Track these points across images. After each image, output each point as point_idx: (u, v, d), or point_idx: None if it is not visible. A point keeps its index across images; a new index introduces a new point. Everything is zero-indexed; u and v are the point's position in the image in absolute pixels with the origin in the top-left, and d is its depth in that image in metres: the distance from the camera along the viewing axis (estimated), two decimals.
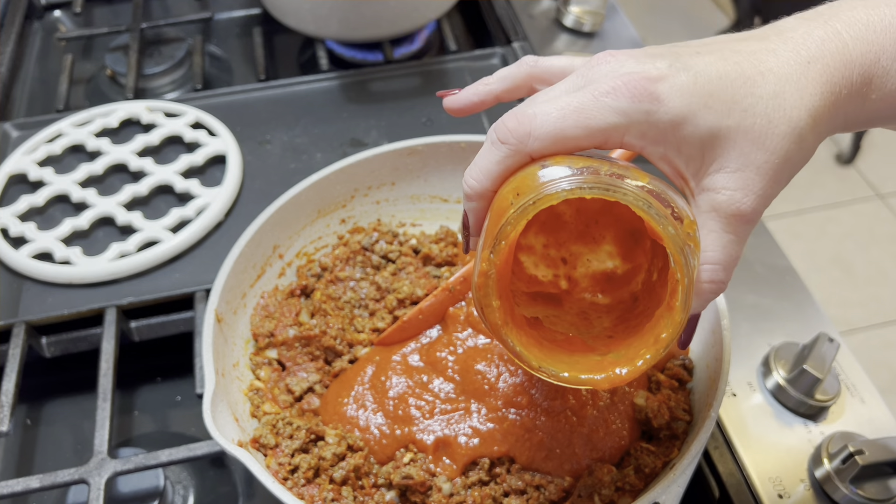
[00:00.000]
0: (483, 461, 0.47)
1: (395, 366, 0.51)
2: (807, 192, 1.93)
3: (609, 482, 0.45)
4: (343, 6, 0.74)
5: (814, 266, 1.77)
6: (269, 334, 0.54)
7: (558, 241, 0.38)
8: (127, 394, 0.63)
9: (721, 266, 0.33)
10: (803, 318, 0.60)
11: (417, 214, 0.64)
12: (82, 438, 0.61)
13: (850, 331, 1.64)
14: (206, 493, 0.57)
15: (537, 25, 0.87)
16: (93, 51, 0.92)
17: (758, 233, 0.66)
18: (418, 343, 0.52)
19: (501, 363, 0.51)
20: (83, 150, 0.72)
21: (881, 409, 0.55)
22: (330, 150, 0.72)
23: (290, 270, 0.59)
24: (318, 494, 0.46)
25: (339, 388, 0.51)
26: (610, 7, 0.90)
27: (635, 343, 0.34)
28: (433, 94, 0.77)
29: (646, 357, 0.33)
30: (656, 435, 0.48)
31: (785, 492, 0.50)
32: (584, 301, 0.39)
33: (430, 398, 0.49)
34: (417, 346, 0.52)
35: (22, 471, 0.59)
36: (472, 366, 0.49)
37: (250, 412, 0.51)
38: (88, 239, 0.65)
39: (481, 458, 0.47)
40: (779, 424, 0.53)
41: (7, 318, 0.59)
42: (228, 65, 0.90)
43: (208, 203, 0.65)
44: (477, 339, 0.51)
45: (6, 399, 0.55)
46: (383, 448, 0.48)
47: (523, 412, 0.48)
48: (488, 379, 0.49)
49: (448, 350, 0.51)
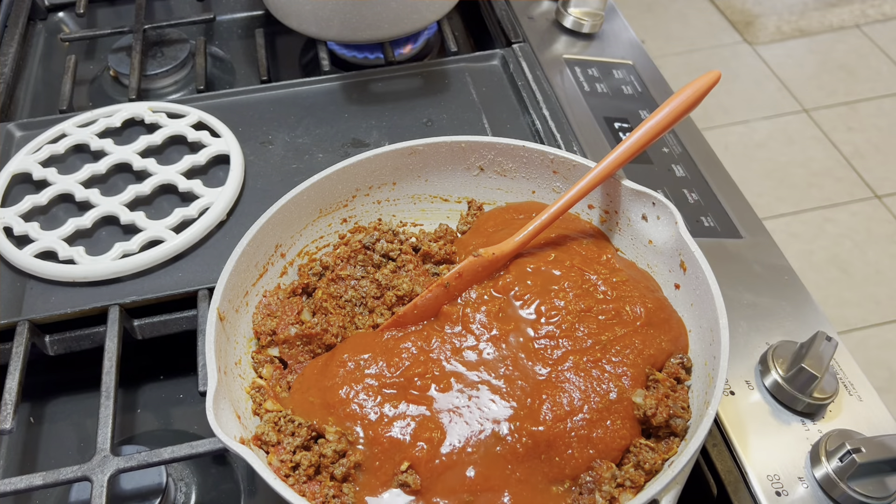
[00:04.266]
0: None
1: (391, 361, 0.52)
2: (805, 192, 1.94)
3: (610, 479, 0.45)
4: (344, 8, 0.74)
5: (812, 266, 1.78)
6: (271, 332, 0.55)
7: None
8: (130, 392, 0.64)
9: None
10: (801, 317, 0.60)
11: (418, 214, 0.64)
12: (85, 436, 0.61)
13: (847, 330, 1.65)
14: (208, 491, 0.57)
15: (537, 27, 0.87)
16: (96, 52, 0.92)
17: (756, 232, 0.66)
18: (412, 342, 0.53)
19: (498, 363, 0.51)
20: (86, 150, 0.72)
21: (879, 407, 0.55)
22: (331, 150, 0.73)
23: (292, 269, 0.59)
24: (319, 491, 0.46)
25: (322, 374, 0.52)
26: (609, 8, 0.90)
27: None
28: (434, 94, 0.78)
29: None
30: (655, 433, 0.49)
31: (783, 489, 0.50)
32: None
33: (421, 397, 0.50)
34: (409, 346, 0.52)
35: (25, 468, 0.59)
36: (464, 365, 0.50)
37: (252, 410, 0.51)
38: (92, 238, 0.65)
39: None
40: (777, 422, 0.54)
41: (11, 316, 0.59)
42: (231, 66, 0.90)
43: (211, 203, 0.66)
44: (467, 339, 0.52)
45: (10, 397, 0.55)
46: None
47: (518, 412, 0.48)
48: (478, 377, 0.49)
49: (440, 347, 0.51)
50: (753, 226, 0.67)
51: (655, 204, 0.56)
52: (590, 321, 0.52)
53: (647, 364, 0.50)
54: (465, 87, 0.79)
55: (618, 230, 0.59)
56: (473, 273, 0.54)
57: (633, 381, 0.49)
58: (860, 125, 2.11)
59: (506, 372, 0.50)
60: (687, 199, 0.69)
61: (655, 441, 0.48)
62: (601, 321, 0.52)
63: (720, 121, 2.12)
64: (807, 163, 2.01)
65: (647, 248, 0.57)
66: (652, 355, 0.51)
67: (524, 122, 0.75)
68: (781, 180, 1.97)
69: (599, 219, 0.60)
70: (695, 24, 2.45)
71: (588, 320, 0.52)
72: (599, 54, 0.85)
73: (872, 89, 2.21)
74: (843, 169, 1.99)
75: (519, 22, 0.88)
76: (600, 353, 0.50)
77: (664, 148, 0.74)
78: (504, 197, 0.64)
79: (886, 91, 2.20)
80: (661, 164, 0.72)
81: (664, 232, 0.56)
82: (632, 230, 0.58)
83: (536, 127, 0.74)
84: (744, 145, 2.07)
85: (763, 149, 2.05)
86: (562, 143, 0.72)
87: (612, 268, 0.56)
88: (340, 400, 0.49)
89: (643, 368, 0.50)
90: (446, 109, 0.76)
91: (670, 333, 0.52)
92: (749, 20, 2.44)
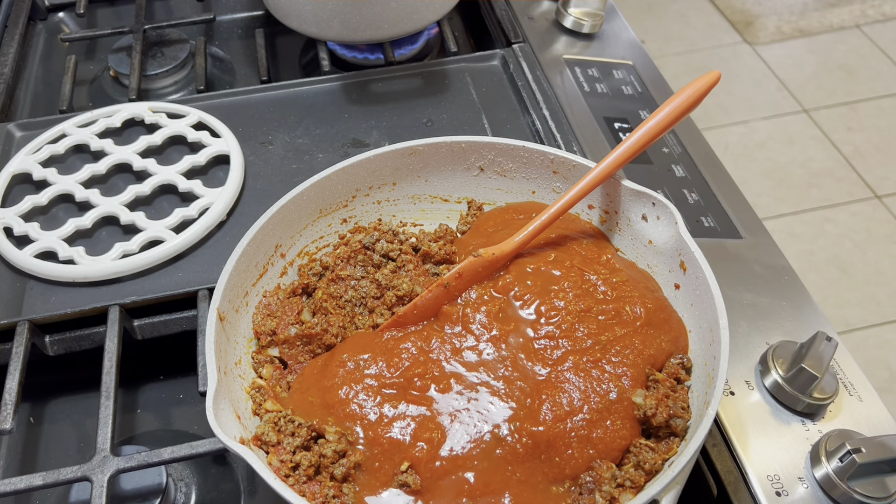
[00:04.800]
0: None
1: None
2: (804, 192, 1.94)
3: (610, 479, 0.45)
4: (345, 8, 0.75)
5: (811, 266, 1.78)
6: (271, 332, 0.55)
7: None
8: (130, 392, 0.64)
9: None
10: (801, 317, 0.60)
11: (418, 214, 0.64)
12: (85, 436, 0.61)
13: (847, 330, 1.65)
14: (208, 491, 0.57)
15: (537, 27, 0.87)
16: (96, 52, 0.92)
17: (756, 232, 0.66)
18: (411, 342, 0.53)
19: (498, 364, 0.51)
20: (86, 150, 0.72)
21: (879, 407, 0.55)
22: (331, 150, 0.73)
23: (292, 269, 0.59)
24: (319, 491, 0.46)
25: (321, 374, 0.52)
26: (609, 9, 0.90)
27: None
28: (434, 95, 0.78)
29: None
30: (655, 433, 0.49)
31: (783, 490, 0.50)
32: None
33: (421, 397, 0.50)
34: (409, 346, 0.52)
35: (25, 468, 0.59)
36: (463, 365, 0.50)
37: (252, 410, 0.51)
38: (92, 238, 0.65)
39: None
40: (777, 423, 0.54)
41: (11, 316, 0.59)
42: (231, 66, 0.90)
43: (211, 203, 0.66)
44: (467, 339, 0.52)
45: (10, 397, 0.55)
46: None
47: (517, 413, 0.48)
48: (478, 378, 0.49)
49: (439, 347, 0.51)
50: (753, 226, 0.67)
51: (655, 204, 0.56)
52: (590, 321, 0.52)
53: (647, 364, 0.50)
54: (465, 88, 0.79)
55: (618, 230, 0.59)
56: (473, 273, 0.54)
57: (633, 382, 0.49)
58: (860, 125, 2.11)
59: (505, 372, 0.50)
60: (687, 199, 0.69)
61: (655, 441, 0.48)
62: (601, 321, 0.52)
63: (720, 121, 2.13)
64: (807, 163, 2.01)
65: (647, 248, 0.57)
66: (652, 355, 0.51)
67: (524, 122, 0.75)
68: (781, 180, 1.97)
69: (599, 219, 0.60)
70: (695, 25, 2.45)
71: (588, 320, 0.52)
72: (599, 54, 0.85)
73: (872, 89, 2.21)
74: (843, 169, 1.99)
75: (519, 22, 0.88)
76: (600, 354, 0.50)
77: (664, 148, 0.74)
78: (504, 197, 0.64)
79: (886, 91, 2.20)
80: (661, 164, 0.72)
81: (664, 232, 0.56)
82: (632, 230, 0.58)
83: (536, 127, 0.74)
84: (744, 145, 2.07)
85: (763, 149, 2.06)
86: (562, 144, 0.72)
87: (612, 268, 0.56)
88: (340, 400, 0.49)
89: (643, 368, 0.50)
90: (446, 109, 0.76)
91: (670, 333, 0.52)
92: (749, 20, 2.44)
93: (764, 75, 2.27)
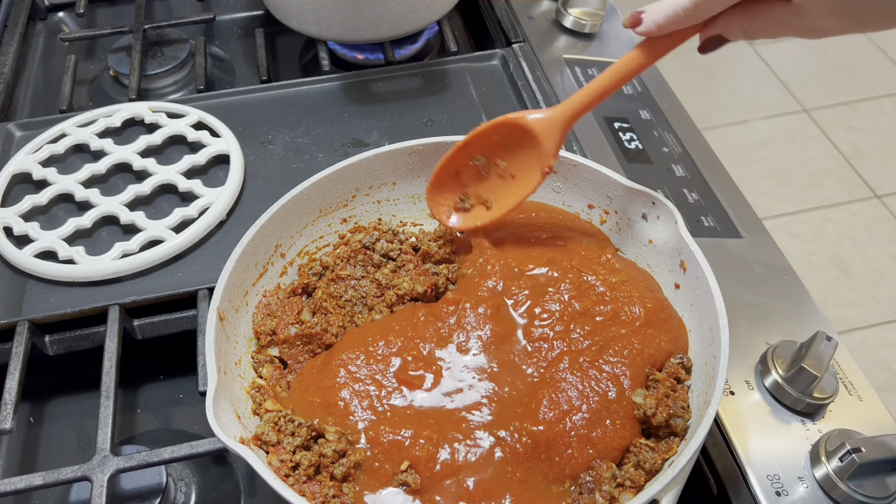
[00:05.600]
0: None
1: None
2: (804, 192, 1.94)
3: (610, 478, 0.45)
4: (344, 8, 0.75)
5: (811, 265, 1.78)
6: (271, 332, 0.55)
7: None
8: (130, 392, 0.64)
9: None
10: (801, 317, 0.60)
11: (418, 214, 0.64)
12: (85, 436, 0.61)
13: (847, 330, 1.65)
14: (208, 490, 0.57)
15: (537, 27, 0.87)
16: (96, 52, 0.92)
17: (755, 232, 0.66)
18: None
19: (497, 364, 0.51)
20: (86, 150, 0.72)
21: (879, 407, 0.55)
22: (331, 150, 0.73)
23: (292, 269, 0.59)
24: (319, 491, 0.46)
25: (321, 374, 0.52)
26: (609, 8, 0.90)
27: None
28: (434, 95, 0.78)
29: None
30: (655, 433, 0.49)
31: (783, 489, 0.50)
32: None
33: (421, 397, 0.50)
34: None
35: (25, 468, 0.59)
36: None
37: (252, 410, 0.51)
38: (91, 238, 0.65)
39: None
40: (777, 422, 0.54)
41: (10, 316, 0.59)
42: (231, 66, 0.90)
43: (211, 203, 0.66)
44: (466, 339, 0.52)
45: (9, 397, 0.55)
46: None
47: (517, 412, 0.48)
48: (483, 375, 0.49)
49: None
50: (753, 226, 0.67)
51: (655, 203, 0.56)
52: (587, 322, 0.52)
53: (647, 364, 0.50)
54: (465, 87, 0.79)
55: (618, 230, 0.59)
56: (511, 137, 0.55)
57: (632, 381, 0.49)
58: (860, 125, 2.11)
59: (504, 372, 0.50)
60: (687, 199, 0.69)
61: (655, 441, 0.48)
62: (598, 322, 0.52)
63: (720, 121, 2.13)
64: (807, 163, 2.01)
65: (647, 248, 0.57)
66: (651, 355, 0.51)
67: None
68: (781, 180, 1.97)
69: (599, 219, 0.60)
70: None
71: (585, 321, 0.52)
72: (599, 54, 0.85)
73: (872, 89, 2.21)
74: (843, 169, 1.99)
75: (519, 22, 0.88)
76: (598, 354, 0.50)
77: (664, 148, 0.74)
78: None
79: (886, 91, 2.20)
80: (661, 164, 0.72)
81: (664, 232, 0.56)
82: (632, 230, 0.58)
83: None
84: (744, 145, 2.07)
85: (763, 149, 2.06)
86: None
87: (612, 268, 0.55)
88: (340, 399, 0.49)
89: (643, 368, 0.50)
90: (446, 109, 0.76)
91: (670, 333, 0.52)
92: None
93: (764, 75, 2.27)
